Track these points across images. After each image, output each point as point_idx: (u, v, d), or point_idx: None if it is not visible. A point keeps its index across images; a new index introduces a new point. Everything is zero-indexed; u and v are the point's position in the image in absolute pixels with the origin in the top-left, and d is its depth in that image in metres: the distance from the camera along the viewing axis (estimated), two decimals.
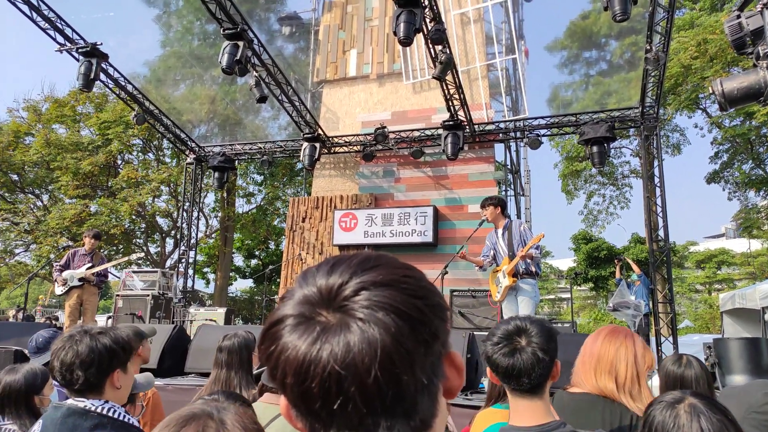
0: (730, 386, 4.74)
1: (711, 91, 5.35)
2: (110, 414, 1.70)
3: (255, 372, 2.97)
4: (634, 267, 10.62)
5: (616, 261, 11.82)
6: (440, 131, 10.16)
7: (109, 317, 10.88)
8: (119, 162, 20.93)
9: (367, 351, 0.51)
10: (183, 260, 12.16)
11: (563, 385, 2.18)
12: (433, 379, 0.57)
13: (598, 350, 2.04)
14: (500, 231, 5.90)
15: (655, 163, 9.92)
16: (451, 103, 9.49)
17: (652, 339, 9.43)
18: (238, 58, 7.66)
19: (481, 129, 10.78)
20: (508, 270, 5.61)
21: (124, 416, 1.74)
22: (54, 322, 14.63)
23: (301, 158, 10.96)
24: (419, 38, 7.63)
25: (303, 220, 11.87)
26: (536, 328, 1.60)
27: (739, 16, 5.08)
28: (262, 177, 22.70)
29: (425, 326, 0.55)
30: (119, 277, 12.46)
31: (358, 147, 11.48)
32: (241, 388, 2.79)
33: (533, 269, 5.69)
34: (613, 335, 2.08)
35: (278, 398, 2.06)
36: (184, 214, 12.45)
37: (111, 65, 9.74)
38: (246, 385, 2.82)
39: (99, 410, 1.70)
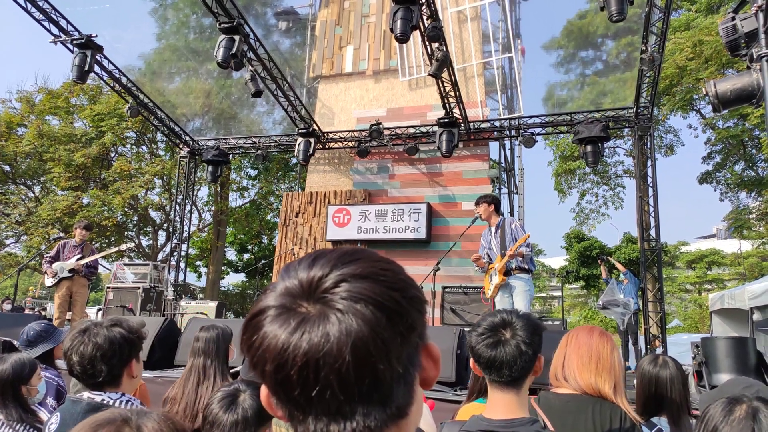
0: (712, 390, 4.78)
1: (705, 93, 5.38)
2: (129, 407, 1.71)
3: (233, 371, 2.98)
4: (619, 266, 10.61)
5: (599, 261, 11.70)
6: (435, 128, 10.17)
7: (99, 309, 10.85)
8: (112, 154, 20.82)
9: (345, 341, 0.53)
10: (175, 253, 12.12)
11: (546, 381, 2.15)
12: (409, 369, 0.58)
13: (597, 347, 2.00)
14: (493, 229, 5.93)
15: (649, 163, 9.97)
16: (446, 101, 9.49)
17: (641, 337, 9.50)
18: (233, 52, 7.63)
19: (476, 127, 10.79)
20: (498, 268, 5.64)
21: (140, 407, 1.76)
22: (42, 312, 14.56)
23: (295, 153, 10.94)
24: (416, 35, 7.63)
25: (296, 215, 11.85)
26: (521, 322, 1.60)
27: (733, 18, 5.10)
28: (256, 171, 22.65)
29: (402, 317, 0.57)
30: (110, 270, 12.42)
31: (353, 143, 11.48)
32: (215, 377, 2.80)
33: (526, 266, 5.72)
34: (606, 336, 2.05)
35: None
36: (177, 207, 12.41)
37: (106, 57, 9.68)
38: (221, 375, 2.84)
39: (117, 404, 1.72)
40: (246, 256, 26.77)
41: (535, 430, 1.52)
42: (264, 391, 0.59)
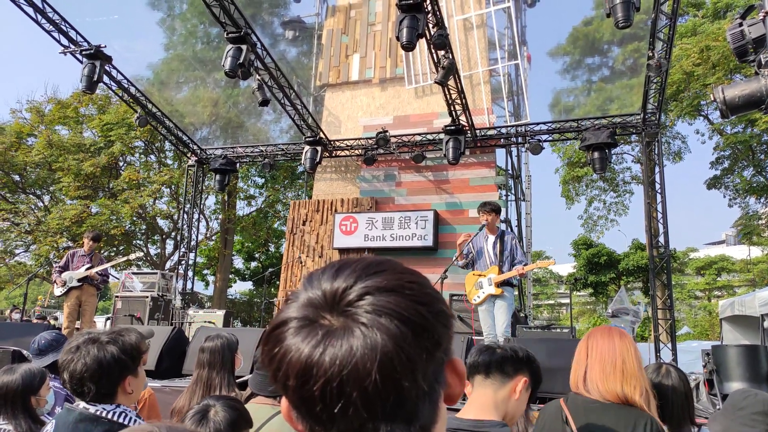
0: (721, 408, 4.74)
1: (712, 98, 5.36)
2: (121, 420, 1.71)
3: (240, 380, 2.98)
4: None
5: None
6: (442, 136, 10.17)
7: (107, 318, 10.88)
8: (121, 164, 20.95)
9: (369, 356, 0.51)
10: (183, 262, 12.16)
11: (555, 389, 2.17)
12: (434, 386, 0.57)
13: (621, 352, 1.89)
14: (492, 237, 5.89)
15: (656, 169, 9.93)
16: (452, 108, 9.50)
17: (651, 345, 9.42)
18: (241, 61, 7.68)
19: (482, 134, 10.79)
20: (495, 279, 5.64)
21: (135, 420, 1.75)
22: (53, 322, 14.62)
23: (302, 161, 10.98)
24: (422, 43, 7.65)
25: (303, 223, 11.87)
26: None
27: (741, 24, 5.09)
28: (263, 180, 22.73)
29: (428, 333, 0.55)
30: (119, 279, 12.47)
31: (360, 151, 11.50)
32: (221, 388, 2.80)
33: (514, 282, 5.80)
34: (626, 337, 1.96)
35: (271, 401, 2.08)
36: (185, 216, 12.46)
37: (114, 67, 9.77)
38: (227, 386, 2.83)
39: (110, 416, 1.70)
40: (253, 264, 26.83)
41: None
42: (284, 403, 0.58)
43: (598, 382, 1.87)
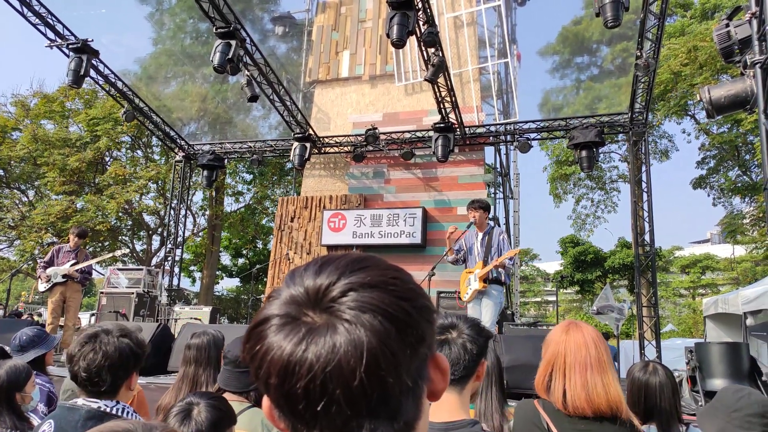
0: (707, 405, 4.79)
1: (699, 98, 5.42)
2: (126, 416, 1.71)
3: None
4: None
5: None
6: (431, 133, 10.18)
7: (92, 315, 10.79)
8: (107, 159, 20.76)
9: (353, 353, 0.51)
10: (169, 258, 12.08)
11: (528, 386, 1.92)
12: (418, 382, 0.56)
13: (604, 354, 1.75)
14: (480, 235, 5.93)
15: (643, 168, 10.01)
16: (442, 106, 9.51)
17: (636, 342, 9.52)
18: (230, 56, 7.64)
19: (471, 132, 10.82)
20: (480, 275, 5.66)
21: (134, 417, 1.77)
22: (37, 318, 14.47)
23: (291, 158, 10.95)
24: (412, 40, 7.65)
25: (291, 220, 11.83)
26: (468, 323, 1.58)
27: (727, 25, 5.15)
28: (252, 176, 22.62)
29: (412, 329, 0.55)
30: (104, 275, 12.36)
31: (349, 147, 11.48)
32: (207, 385, 2.80)
33: (502, 279, 5.79)
34: (594, 331, 1.82)
35: (238, 397, 2.08)
36: (172, 211, 12.37)
37: (101, 62, 9.67)
38: (213, 383, 2.83)
39: (116, 412, 1.71)
40: (241, 260, 26.73)
41: (478, 430, 1.49)
42: (266, 402, 0.57)
43: (582, 394, 1.71)
